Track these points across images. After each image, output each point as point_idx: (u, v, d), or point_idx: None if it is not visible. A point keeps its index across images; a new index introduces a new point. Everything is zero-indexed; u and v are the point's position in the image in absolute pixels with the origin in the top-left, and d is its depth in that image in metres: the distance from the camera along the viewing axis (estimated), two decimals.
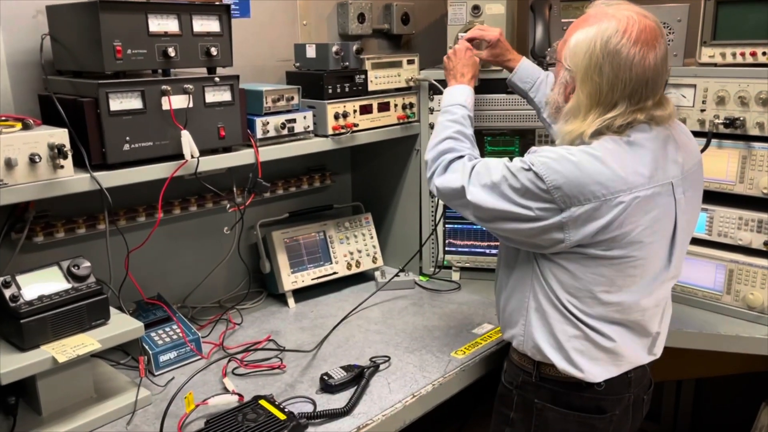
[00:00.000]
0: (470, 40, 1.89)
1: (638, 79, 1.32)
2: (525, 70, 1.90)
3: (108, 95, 1.47)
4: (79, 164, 1.48)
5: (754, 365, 2.10)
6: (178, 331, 1.79)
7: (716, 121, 1.87)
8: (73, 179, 1.44)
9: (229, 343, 1.89)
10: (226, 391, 1.62)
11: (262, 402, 1.52)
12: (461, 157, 1.55)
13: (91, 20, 1.46)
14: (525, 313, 1.51)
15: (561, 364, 1.46)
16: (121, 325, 1.53)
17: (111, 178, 1.51)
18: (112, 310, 1.56)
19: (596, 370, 1.45)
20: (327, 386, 1.62)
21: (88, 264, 1.52)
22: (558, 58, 1.44)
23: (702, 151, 1.86)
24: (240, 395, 1.57)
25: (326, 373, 1.65)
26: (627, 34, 1.32)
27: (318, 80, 1.97)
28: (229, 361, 1.76)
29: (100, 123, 1.47)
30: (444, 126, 1.65)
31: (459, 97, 1.73)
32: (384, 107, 2.13)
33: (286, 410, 1.48)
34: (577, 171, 1.31)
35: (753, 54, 1.82)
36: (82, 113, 1.46)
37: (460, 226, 2.31)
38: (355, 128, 2.03)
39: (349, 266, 2.29)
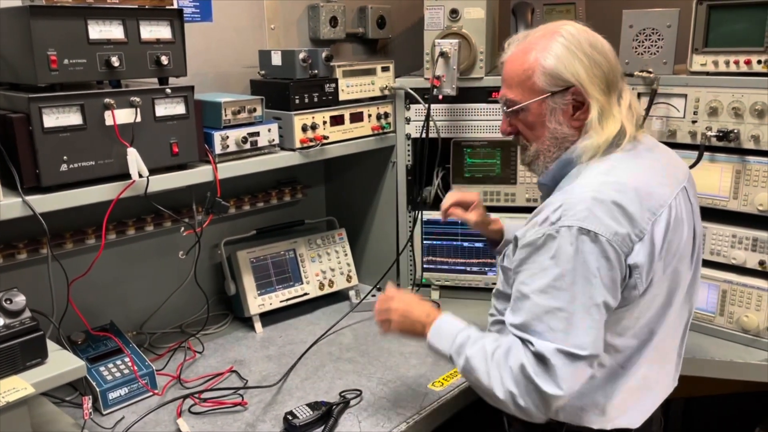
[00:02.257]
0: (455, 204, 1.64)
1: (615, 54, 1.31)
2: (510, 226, 1.67)
3: (41, 110, 1.32)
4: (10, 187, 1.33)
5: (748, 387, 2.01)
6: (130, 364, 1.64)
7: (709, 133, 1.77)
8: (1, 204, 1.29)
9: (188, 374, 1.75)
10: None
11: None
12: (502, 349, 1.24)
13: (21, 27, 1.31)
14: None
15: (599, 426, 1.31)
16: (61, 364, 1.37)
17: (46, 203, 1.36)
18: (53, 346, 1.41)
19: (633, 416, 1.34)
20: (291, 427, 1.48)
21: (22, 297, 1.37)
22: (529, 96, 1.28)
23: (694, 165, 1.78)
24: None
25: (290, 412, 1.51)
26: (579, 26, 1.29)
27: (284, 90, 1.83)
28: (186, 398, 1.61)
29: (32, 141, 1.32)
30: (470, 360, 1.28)
31: (449, 332, 1.35)
32: (357, 118, 2.00)
33: None
34: (619, 206, 1.18)
35: (747, 62, 1.72)
36: (12, 131, 1.31)
37: (439, 242, 2.18)
38: (325, 141, 1.89)
39: (321, 286, 2.15)
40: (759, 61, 1.71)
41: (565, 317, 1.16)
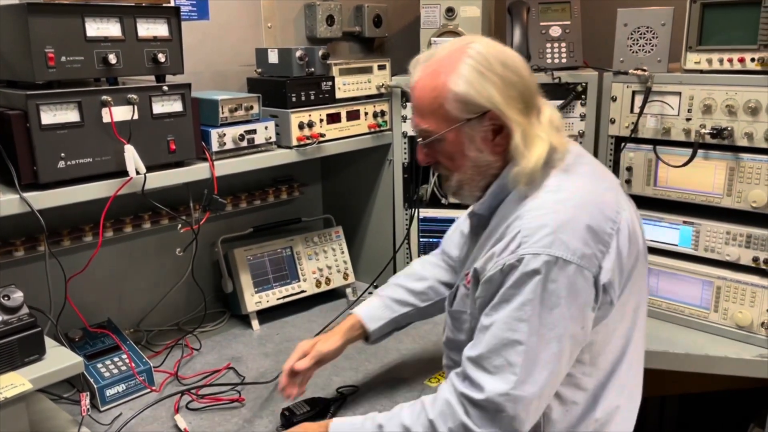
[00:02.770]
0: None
1: (528, 67, 1.23)
2: (375, 315, 1.55)
3: (39, 107, 1.33)
4: (8, 183, 1.33)
5: (742, 383, 2.02)
6: (127, 361, 1.65)
7: (703, 130, 1.77)
8: None
9: (186, 372, 1.76)
10: (177, 430, 1.49)
11: None
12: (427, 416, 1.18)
13: (19, 24, 1.32)
14: (541, 417, 1.22)
15: None
16: (59, 360, 1.38)
17: (44, 199, 1.36)
18: (51, 343, 1.42)
19: (624, 426, 1.31)
20: (288, 423, 1.48)
21: (20, 294, 1.37)
22: (443, 126, 1.20)
23: (688, 162, 1.79)
24: None
25: (288, 408, 1.52)
26: (487, 42, 1.22)
27: (281, 87, 1.84)
28: (183, 395, 1.62)
29: (30, 138, 1.33)
30: None
31: (351, 425, 1.29)
32: (353, 116, 2.01)
33: None
34: (581, 222, 1.13)
35: (741, 60, 1.73)
36: (10, 128, 1.31)
37: (436, 239, 2.19)
38: (321, 138, 1.90)
39: (318, 284, 2.16)
40: (752, 59, 1.72)
41: (525, 351, 1.10)
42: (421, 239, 2.19)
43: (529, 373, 1.10)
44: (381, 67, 2.08)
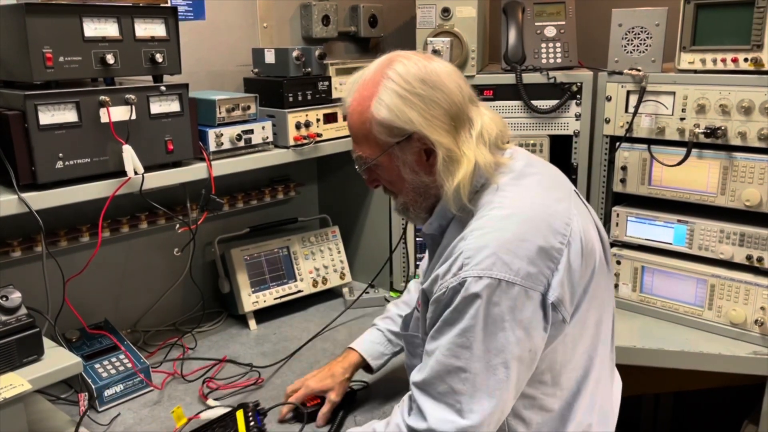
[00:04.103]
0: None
1: (460, 78, 1.19)
2: (377, 352, 1.57)
3: (37, 107, 1.32)
4: (6, 184, 1.33)
5: (736, 380, 2.03)
6: (126, 361, 1.64)
7: (697, 130, 1.79)
8: None
9: (185, 371, 1.75)
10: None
11: (238, 414, 1.41)
12: None
13: (17, 25, 1.31)
14: None
15: None
16: (57, 360, 1.38)
17: (42, 200, 1.36)
18: (49, 343, 1.41)
19: None
20: (299, 416, 1.49)
21: (18, 294, 1.37)
22: (375, 152, 1.18)
23: (682, 161, 1.81)
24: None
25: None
26: (409, 59, 1.18)
27: (277, 87, 1.84)
28: (205, 382, 1.65)
29: (28, 138, 1.33)
30: None
31: None
32: None
33: (255, 428, 1.38)
34: (527, 241, 1.08)
35: (734, 60, 1.75)
36: (8, 128, 1.31)
37: None
38: (318, 138, 1.90)
39: (315, 283, 2.16)
40: (746, 59, 1.73)
41: (468, 378, 1.07)
42: (417, 238, 2.20)
43: (474, 400, 1.07)
44: None
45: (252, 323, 2.03)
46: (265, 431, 1.39)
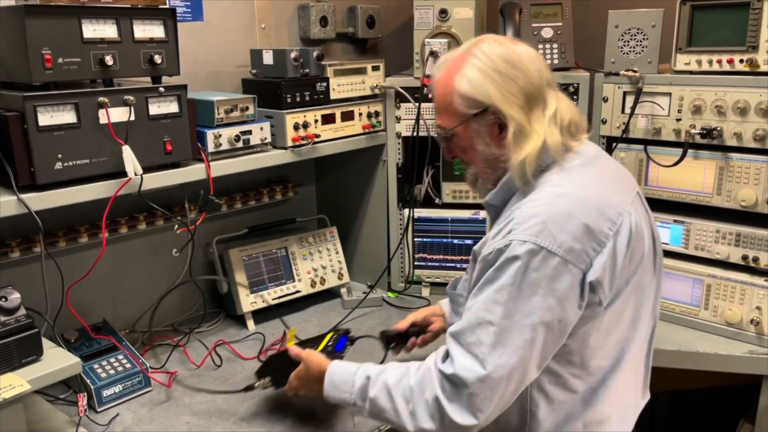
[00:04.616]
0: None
1: (542, 63, 1.26)
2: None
3: (36, 108, 1.33)
4: (5, 185, 1.34)
5: (732, 380, 2.05)
6: (124, 362, 1.65)
7: (693, 131, 1.80)
8: None
9: (183, 370, 1.76)
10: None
11: (328, 335, 1.63)
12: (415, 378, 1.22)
13: (16, 26, 1.32)
14: (527, 413, 1.27)
15: None
16: (57, 361, 1.39)
17: (42, 201, 1.37)
18: (48, 344, 1.42)
19: None
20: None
21: (17, 295, 1.38)
22: (453, 122, 1.27)
23: (678, 162, 1.82)
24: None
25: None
26: (497, 41, 1.27)
27: (276, 88, 1.84)
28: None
29: (27, 140, 1.33)
30: (375, 402, 1.26)
31: (342, 379, 1.32)
32: (348, 116, 2.02)
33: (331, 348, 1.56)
34: (576, 218, 1.15)
35: (730, 61, 1.76)
36: (7, 129, 1.31)
37: (430, 239, 2.21)
38: (316, 139, 1.91)
39: (313, 284, 2.17)
40: (741, 60, 1.75)
41: (495, 332, 1.13)
42: (415, 239, 2.21)
43: (497, 353, 1.13)
44: (375, 68, 2.09)
45: (250, 323, 2.03)
46: (337, 354, 1.51)
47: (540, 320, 1.13)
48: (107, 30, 1.42)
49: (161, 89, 1.52)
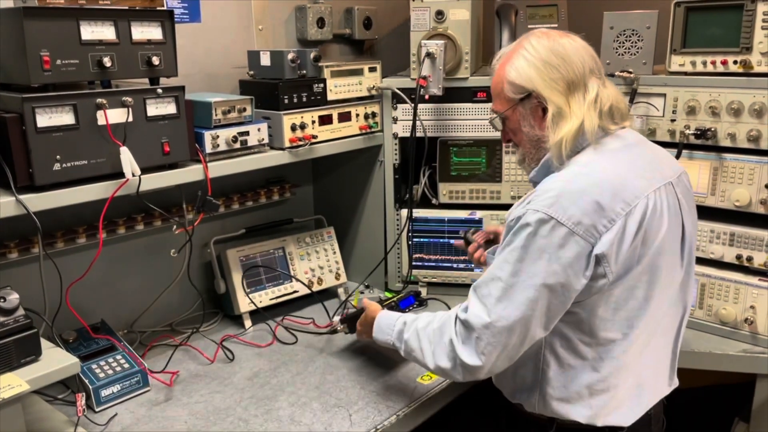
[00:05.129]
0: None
1: (587, 54, 1.37)
2: None
3: (34, 110, 1.33)
4: (4, 186, 1.34)
5: (727, 379, 2.06)
6: (122, 362, 1.66)
7: (687, 131, 1.82)
8: None
9: (181, 370, 1.76)
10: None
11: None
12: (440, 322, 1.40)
13: (14, 28, 1.32)
14: (539, 371, 1.39)
15: (587, 420, 1.36)
16: (55, 361, 1.39)
17: (40, 201, 1.37)
18: (46, 344, 1.42)
19: (623, 413, 1.37)
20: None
21: (16, 295, 1.38)
22: (504, 107, 1.42)
23: None
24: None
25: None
26: (546, 35, 1.39)
27: (273, 90, 1.85)
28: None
29: (25, 141, 1.33)
30: (407, 343, 1.47)
31: (387, 324, 1.56)
32: (345, 117, 2.03)
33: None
34: (588, 196, 1.24)
35: (724, 62, 1.77)
36: (6, 130, 1.32)
37: (426, 239, 2.22)
38: (313, 140, 1.92)
39: (310, 284, 2.17)
40: (735, 62, 1.76)
41: (502, 288, 1.27)
42: (413, 239, 2.21)
43: (502, 306, 1.26)
44: (372, 69, 2.10)
45: (248, 323, 2.04)
46: (400, 309, 1.81)
47: (542, 282, 1.24)
48: (105, 32, 1.43)
49: (159, 90, 1.52)
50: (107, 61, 1.43)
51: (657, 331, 1.39)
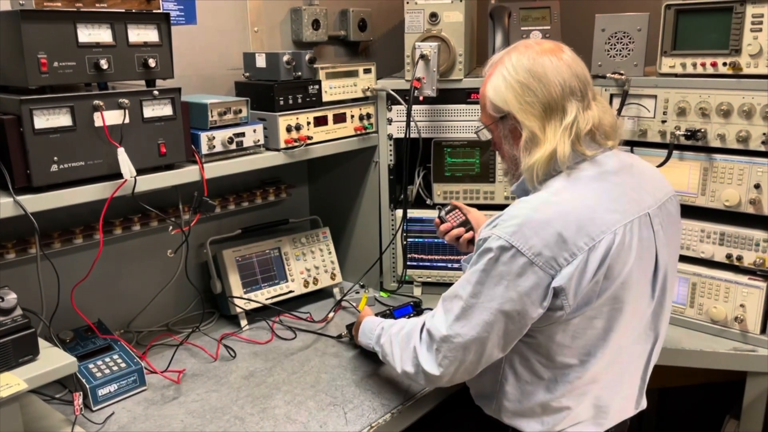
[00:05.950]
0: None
1: (569, 75, 1.29)
2: None
3: (32, 112, 1.35)
4: (1, 187, 1.36)
5: (717, 377, 2.08)
6: (119, 361, 1.67)
7: (677, 132, 1.84)
8: None
9: (183, 366, 1.78)
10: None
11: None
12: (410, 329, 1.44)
13: (12, 30, 1.34)
14: (498, 383, 1.41)
15: None
16: (53, 360, 1.40)
17: (38, 202, 1.39)
18: (43, 344, 1.44)
19: (580, 430, 1.38)
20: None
21: (13, 295, 1.40)
22: (487, 122, 1.41)
23: (664, 163, 1.85)
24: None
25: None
26: (529, 49, 1.33)
27: (268, 91, 1.87)
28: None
29: (23, 142, 1.35)
30: (383, 347, 1.55)
31: (369, 329, 1.65)
32: (340, 118, 2.05)
33: None
34: (552, 227, 1.21)
35: (713, 64, 1.79)
36: (3, 132, 1.33)
37: (421, 239, 2.24)
38: (309, 141, 1.94)
39: (306, 284, 2.19)
40: (724, 64, 1.78)
41: (462, 307, 1.28)
42: (408, 239, 2.23)
43: (460, 324, 1.29)
44: (366, 71, 2.12)
45: (243, 323, 2.05)
46: (394, 318, 1.88)
47: (499, 308, 1.25)
48: (102, 34, 1.44)
49: (155, 92, 1.54)
50: (104, 64, 1.44)
51: (621, 360, 1.37)
